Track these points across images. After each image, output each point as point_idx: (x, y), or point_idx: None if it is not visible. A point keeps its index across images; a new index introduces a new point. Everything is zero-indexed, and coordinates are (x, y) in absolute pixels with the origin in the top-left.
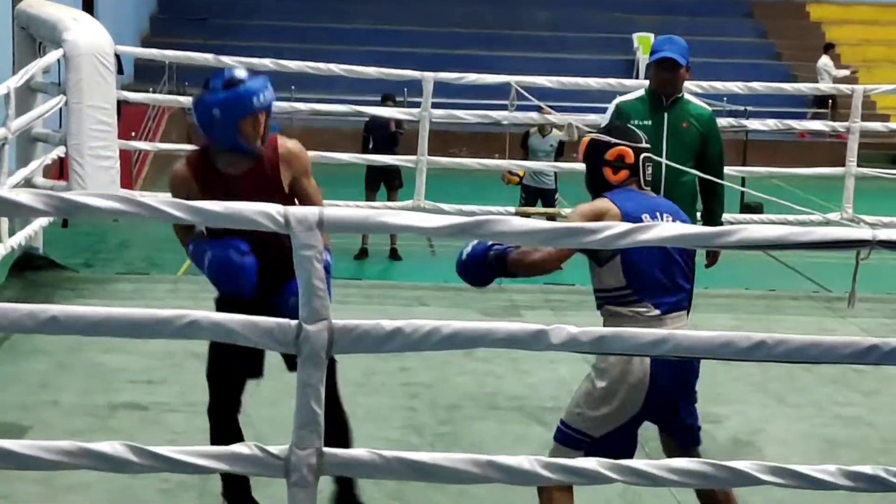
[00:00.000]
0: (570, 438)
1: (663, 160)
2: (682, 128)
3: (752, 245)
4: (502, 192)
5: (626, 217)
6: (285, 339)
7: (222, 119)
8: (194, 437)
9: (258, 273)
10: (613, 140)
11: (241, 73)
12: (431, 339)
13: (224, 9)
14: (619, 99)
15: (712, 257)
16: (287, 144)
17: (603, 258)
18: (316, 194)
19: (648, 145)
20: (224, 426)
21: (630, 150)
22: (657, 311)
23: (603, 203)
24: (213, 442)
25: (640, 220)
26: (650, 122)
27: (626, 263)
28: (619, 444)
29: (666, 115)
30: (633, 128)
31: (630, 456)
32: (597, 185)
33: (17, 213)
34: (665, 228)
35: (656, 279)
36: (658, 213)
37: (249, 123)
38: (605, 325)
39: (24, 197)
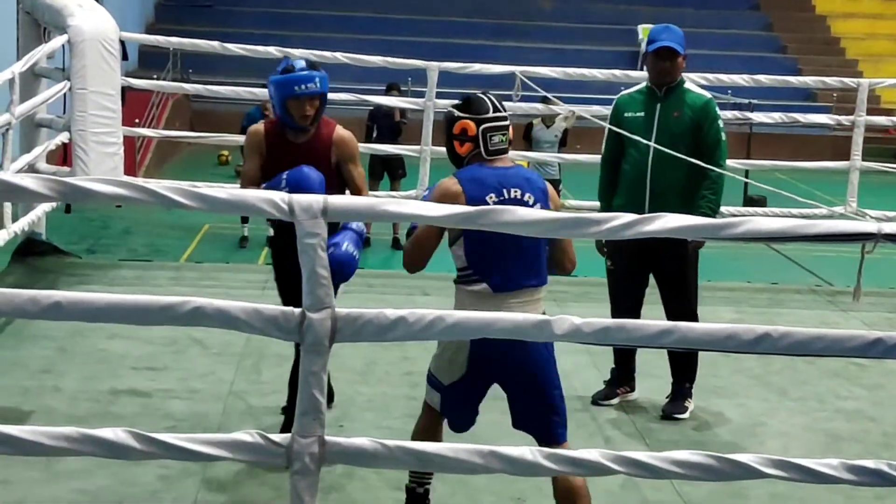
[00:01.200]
0: (432, 379)
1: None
2: (674, 117)
3: (757, 237)
4: None
5: (470, 202)
6: (289, 327)
7: (274, 97)
8: (196, 424)
9: None
10: (457, 113)
11: (298, 63)
12: (435, 329)
13: None
14: (622, 92)
15: (694, 241)
16: (340, 132)
17: (452, 239)
18: (360, 179)
19: (494, 115)
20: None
21: (472, 123)
22: (490, 290)
23: (452, 186)
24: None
25: (485, 202)
26: (642, 114)
27: (467, 244)
28: (461, 398)
29: (659, 105)
30: (483, 98)
31: (466, 415)
32: (451, 159)
33: (22, 199)
34: (669, 220)
35: (494, 258)
36: (505, 190)
37: (294, 105)
38: (455, 304)
39: (29, 182)
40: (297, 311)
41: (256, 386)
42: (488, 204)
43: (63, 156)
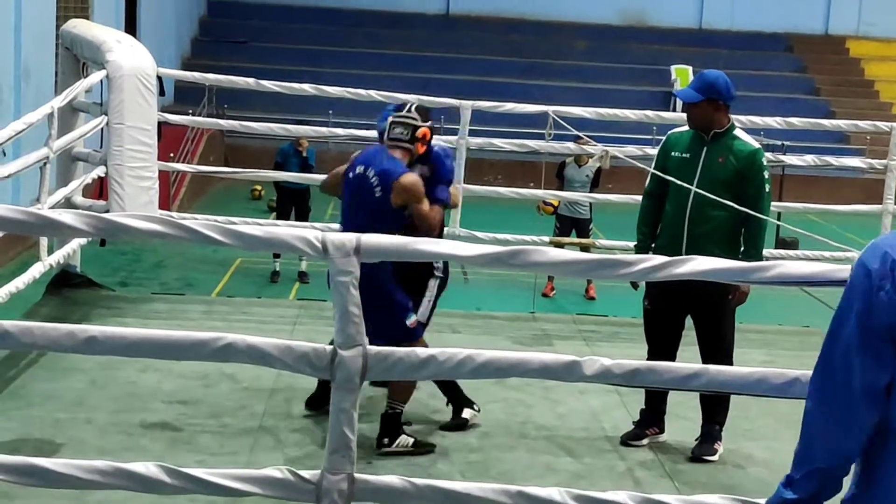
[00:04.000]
0: None
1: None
2: (719, 163)
3: (788, 281)
4: (536, 220)
5: (350, 164)
6: (320, 364)
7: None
8: (226, 459)
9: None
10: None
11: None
12: (464, 368)
13: (264, 33)
14: (673, 130)
15: (738, 296)
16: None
17: None
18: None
19: (399, 114)
20: None
21: (391, 117)
22: None
23: (357, 155)
24: None
25: (354, 169)
26: (688, 155)
27: None
28: None
29: (705, 149)
30: (406, 102)
31: None
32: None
33: (62, 234)
34: (699, 263)
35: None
36: (368, 167)
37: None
38: None
39: (68, 217)
40: (329, 348)
41: (286, 421)
42: (355, 171)
43: (99, 189)
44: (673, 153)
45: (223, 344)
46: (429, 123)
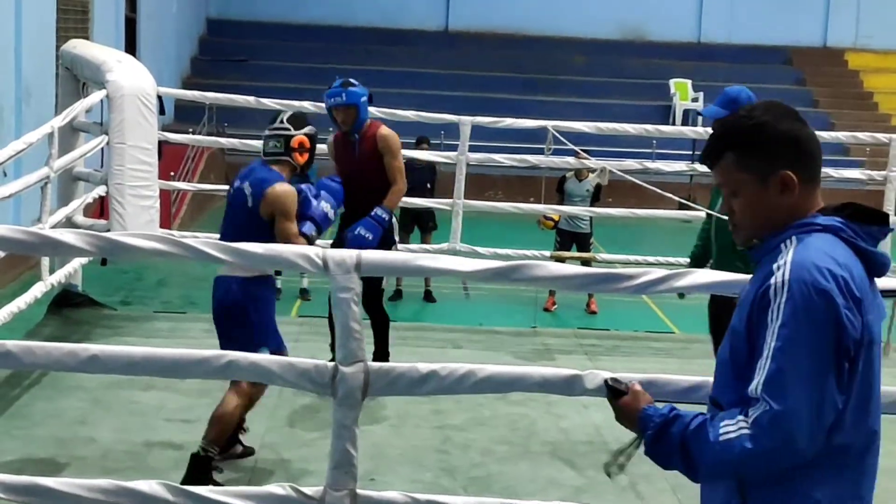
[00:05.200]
0: None
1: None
2: None
3: None
4: (537, 235)
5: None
6: (322, 381)
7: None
8: (229, 477)
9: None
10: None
11: (336, 82)
12: (466, 383)
13: (263, 51)
14: None
15: None
16: (383, 131)
17: None
18: (394, 171)
19: (271, 126)
20: None
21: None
22: None
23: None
24: None
25: (232, 185)
26: None
27: None
28: None
29: None
30: (278, 113)
31: None
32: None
33: (64, 253)
34: (699, 276)
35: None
36: (244, 180)
37: (334, 114)
38: None
39: (70, 237)
40: (331, 364)
41: (288, 438)
42: (233, 185)
43: (100, 209)
44: None
45: (226, 361)
46: (305, 130)
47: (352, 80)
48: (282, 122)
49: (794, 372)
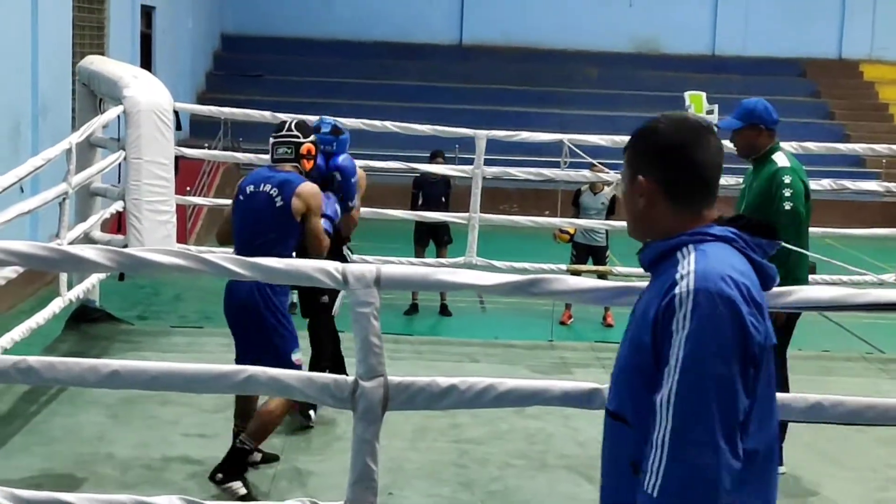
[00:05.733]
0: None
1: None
2: (753, 187)
3: (808, 306)
4: (553, 248)
5: (240, 189)
6: (341, 395)
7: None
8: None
9: None
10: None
11: (326, 127)
12: (486, 397)
13: (278, 65)
14: None
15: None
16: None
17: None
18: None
19: (281, 133)
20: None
21: (272, 138)
22: None
23: (242, 180)
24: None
25: (244, 191)
26: (744, 183)
27: None
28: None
29: (753, 174)
30: (284, 121)
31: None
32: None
33: (84, 269)
34: None
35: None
36: (261, 184)
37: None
38: None
39: (91, 253)
40: (350, 379)
41: (307, 452)
42: (246, 192)
43: (117, 224)
44: (742, 183)
45: (245, 376)
46: (311, 138)
47: (338, 126)
48: (290, 129)
49: (703, 383)
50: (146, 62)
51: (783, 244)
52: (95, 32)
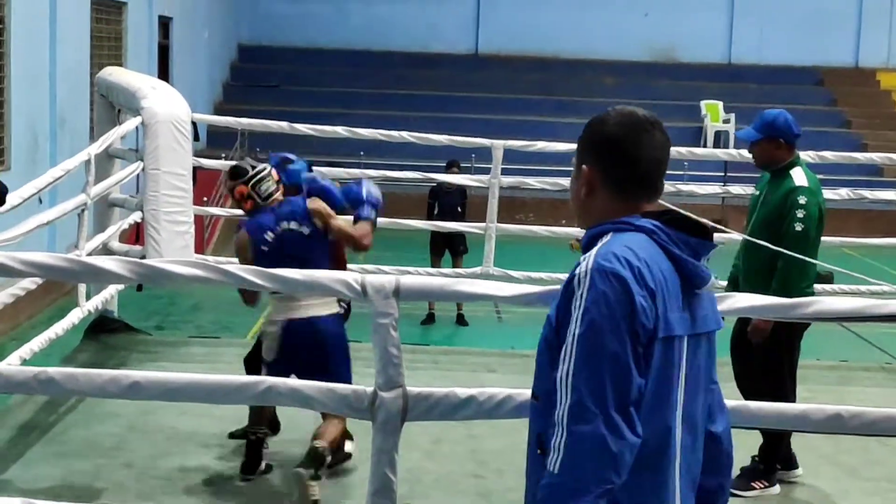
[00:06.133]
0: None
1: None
2: (767, 200)
3: (828, 317)
4: (569, 258)
5: (252, 241)
6: (360, 406)
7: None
8: (265, 502)
9: None
10: (231, 183)
11: (273, 161)
12: (505, 408)
13: (295, 76)
14: None
15: (753, 330)
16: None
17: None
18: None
19: (256, 171)
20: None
21: (242, 186)
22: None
23: (240, 237)
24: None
25: (264, 240)
26: (758, 192)
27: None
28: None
29: (768, 186)
30: (241, 164)
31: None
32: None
33: (105, 280)
34: (740, 300)
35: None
36: (279, 225)
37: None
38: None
39: (112, 264)
40: (370, 389)
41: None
42: (268, 241)
43: (135, 235)
44: (755, 191)
45: (265, 387)
46: (266, 166)
47: (289, 157)
48: (254, 169)
49: (596, 358)
50: (163, 73)
51: (793, 254)
52: (113, 43)
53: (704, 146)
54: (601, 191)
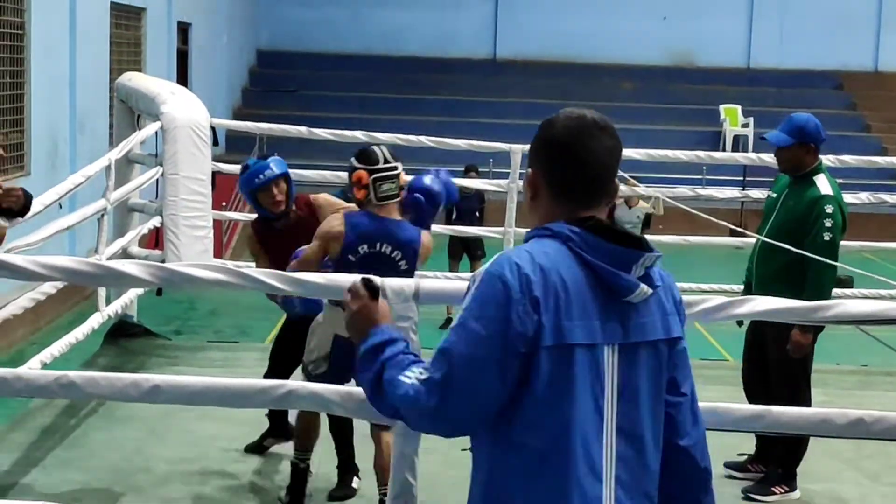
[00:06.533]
0: (304, 370)
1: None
2: (790, 205)
3: (848, 320)
4: None
5: (346, 246)
6: None
7: (246, 196)
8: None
9: None
10: (355, 163)
11: (250, 160)
12: None
13: (313, 81)
14: None
15: (795, 347)
16: (317, 199)
17: (331, 256)
18: None
19: (387, 166)
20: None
21: (364, 172)
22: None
23: (337, 226)
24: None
25: (356, 250)
26: (776, 196)
27: (337, 266)
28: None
29: (788, 190)
30: (376, 150)
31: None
32: (354, 202)
33: (126, 284)
34: (759, 303)
35: None
36: (379, 244)
37: (263, 196)
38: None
39: (133, 268)
40: None
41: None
42: (359, 253)
43: (155, 239)
44: (771, 193)
45: (285, 391)
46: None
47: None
48: (388, 160)
49: (459, 348)
50: (182, 78)
51: (822, 259)
52: (132, 49)
53: (723, 150)
54: (544, 194)
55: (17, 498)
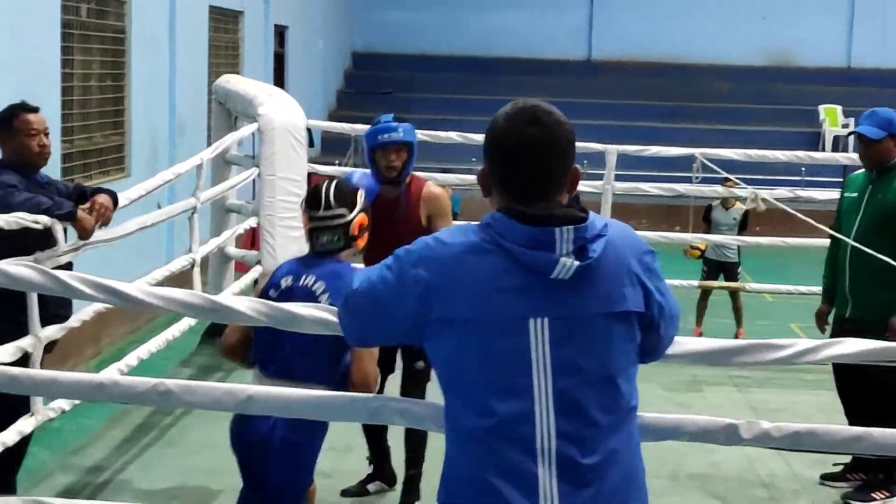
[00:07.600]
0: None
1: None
2: (878, 199)
3: None
4: (684, 264)
5: (270, 285)
6: None
7: (365, 151)
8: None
9: None
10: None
11: (385, 117)
12: None
13: (407, 83)
14: (854, 172)
15: (893, 332)
16: (431, 189)
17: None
18: None
19: (323, 213)
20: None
21: (305, 218)
22: (263, 374)
23: (276, 270)
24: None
25: (278, 286)
26: (856, 194)
27: (257, 330)
28: None
29: (870, 187)
30: (318, 193)
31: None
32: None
33: (234, 321)
34: (850, 345)
35: (271, 346)
36: (301, 277)
37: (380, 155)
38: None
39: (242, 305)
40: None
41: (355, 474)
42: (280, 287)
43: (251, 240)
44: (846, 194)
45: (378, 405)
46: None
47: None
48: (329, 206)
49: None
50: (279, 80)
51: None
52: (230, 52)
53: (822, 150)
54: (493, 189)
55: (113, 495)
